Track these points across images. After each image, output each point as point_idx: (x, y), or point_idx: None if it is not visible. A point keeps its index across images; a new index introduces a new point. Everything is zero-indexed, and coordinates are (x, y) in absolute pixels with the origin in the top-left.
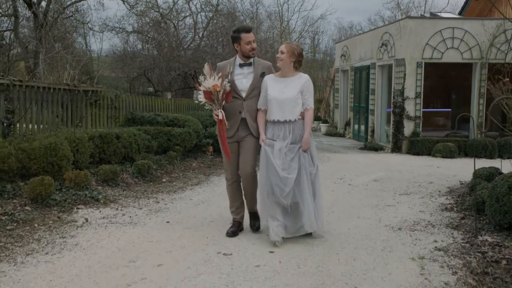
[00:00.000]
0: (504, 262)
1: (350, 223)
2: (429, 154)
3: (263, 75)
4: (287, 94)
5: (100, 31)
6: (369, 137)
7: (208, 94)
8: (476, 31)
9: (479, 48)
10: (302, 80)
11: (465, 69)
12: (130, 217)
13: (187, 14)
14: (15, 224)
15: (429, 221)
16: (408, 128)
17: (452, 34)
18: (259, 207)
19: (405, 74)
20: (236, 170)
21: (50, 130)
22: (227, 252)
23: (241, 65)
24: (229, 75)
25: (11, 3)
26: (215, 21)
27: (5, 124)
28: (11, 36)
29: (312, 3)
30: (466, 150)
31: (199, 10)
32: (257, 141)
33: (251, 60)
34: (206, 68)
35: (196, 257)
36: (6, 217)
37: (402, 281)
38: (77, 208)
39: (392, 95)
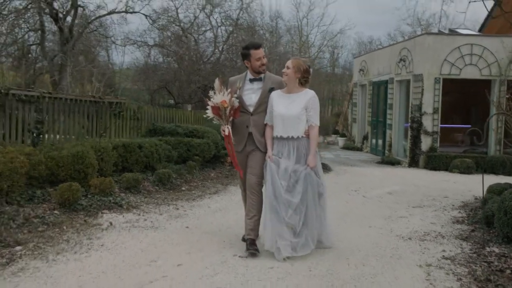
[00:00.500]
0: (508, 271)
1: (361, 232)
2: (446, 170)
3: (271, 90)
4: (292, 110)
5: (123, 45)
6: (386, 152)
7: (215, 109)
8: (495, 48)
9: (498, 65)
10: (308, 96)
11: (484, 85)
12: (152, 221)
13: (208, 28)
14: (45, 226)
15: (439, 232)
16: (426, 143)
17: (470, 51)
18: (261, 231)
19: (423, 90)
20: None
21: (76, 139)
22: (243, 255)
23: (251, 80)
24: (238, 91)
25: (38, 18)
26: (235, 35)
27: (34, 134)
28: (37, 50)
29: (332, 18)
30: (484, 166)
31: (219, 24)
32: (264, 155)
33: (262, 75)
34: (217, 83)
35: (214, 259)
36: (37, 219)
37: (408, 285)
38: (102, 213)
39: (409, 110)
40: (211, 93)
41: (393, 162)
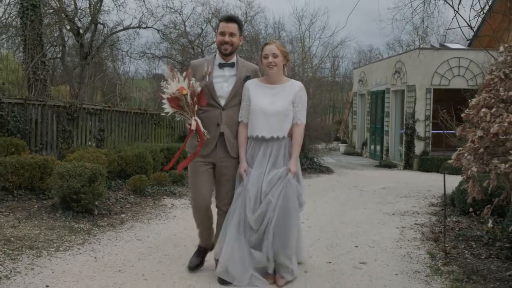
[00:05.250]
0: (457, 229)
1: (357, 211)
2: (437, 171)
3: (247, 79)
4: (277, 105)
5: (138, 59)
6: (384, 156)
7: (174, 101)
8: (481, 60)
9: (483, 76)
10: (295, 88)
11: (471, 94)
12: None
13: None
14: (130, 205)
15: (416, 211)
16: (419, 147)
17: (458, 63)
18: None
19: (415, 99)
20: (207, 198)
21: (127, 144)
22: None
23: (221, 66)
24: (207, 77)
25: (58, 33)
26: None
27: (98, 139)
28: (54, 62)
29: (332, 30)
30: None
31: None
32: (236, 163)
33: (234, 59)
34: (167, 71)
35: None
36: (123, 200)
37: (387, 236)
38: (163, 198)
39: (404, 118)
40: (162, 83)
41: (390, 165)
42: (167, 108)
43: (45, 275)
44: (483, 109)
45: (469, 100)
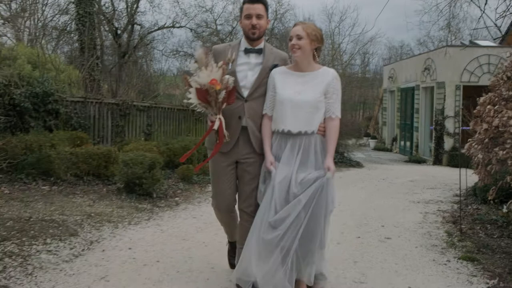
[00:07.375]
0: (475, 215)
1: (385, 200)
2: (467, 167)
3: (274, 68)
4: (307, 95)
5: (172, 57)
6: (413, 152)
7: (202, 93)
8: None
9: None
10: (328, 77)
11: None
12: None
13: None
14: (180, 190)
15: (440, 200)
16: (448, 143)
17: (488, 60)
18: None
19: (445, 96)
20: (231, 201)
21: (171, 138)
22: None
23: (247, 51)
24: (230, 64)
25: (97, 33)
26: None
27: (146, 133)
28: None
29: (362, 27)
30: None
31: None
32: (263, 160)
33: (261, 45)
34: (200, 53)
35: None
36: (174, 186)
37: (411, 219)
38: (208, 185)
39: (434, 114)
40: (191, 66)
41: (419, 161)
42: (193, 99)
43: (125, 241)
44: (488, 106)
45: (477, 99)
